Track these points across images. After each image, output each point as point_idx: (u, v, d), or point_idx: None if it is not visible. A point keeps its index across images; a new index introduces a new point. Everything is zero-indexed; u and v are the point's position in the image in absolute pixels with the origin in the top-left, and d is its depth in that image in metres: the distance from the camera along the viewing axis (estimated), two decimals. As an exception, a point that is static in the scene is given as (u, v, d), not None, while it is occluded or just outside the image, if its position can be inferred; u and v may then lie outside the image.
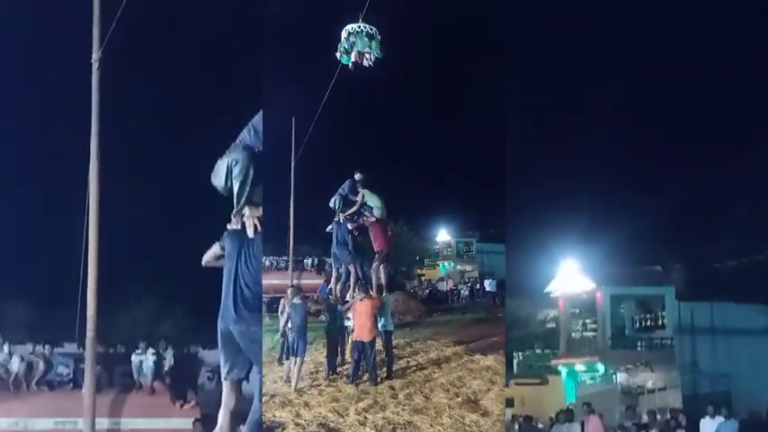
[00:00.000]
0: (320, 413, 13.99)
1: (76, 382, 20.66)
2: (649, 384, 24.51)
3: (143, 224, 26.11)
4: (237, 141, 10.45)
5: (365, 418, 13.68)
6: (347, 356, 17.30)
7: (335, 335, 17.15)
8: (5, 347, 21.55)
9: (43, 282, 25.13)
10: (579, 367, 25.63)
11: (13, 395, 20.67)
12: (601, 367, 25.14)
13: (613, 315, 25.87)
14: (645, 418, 21.16)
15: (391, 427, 13.27)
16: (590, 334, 26.24)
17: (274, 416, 13.89)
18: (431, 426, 13.35)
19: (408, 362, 18.12)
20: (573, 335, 26.74)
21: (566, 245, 25.28)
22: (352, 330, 16.88)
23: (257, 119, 10.67)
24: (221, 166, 10.28)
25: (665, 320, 25.42)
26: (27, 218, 24.83)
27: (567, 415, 20.99)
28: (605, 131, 26.06)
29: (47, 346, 22.40)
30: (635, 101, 26.78)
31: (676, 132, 26.54)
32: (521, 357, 27.26)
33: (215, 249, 10.57)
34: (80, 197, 15.80)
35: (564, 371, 25.99)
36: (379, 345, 16.88)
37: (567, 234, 25.04)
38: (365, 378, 16.11)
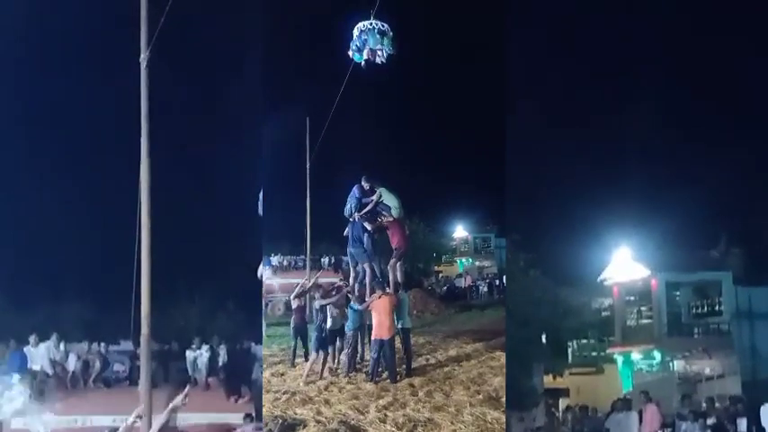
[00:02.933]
0: (340, 410, 14.23)
1: (132, 379, 21.02)
2: (707, 371, 24.10)
3: (194, 222, 26.28)
4: None
5: (385, 415, 13.84)
6: (366, 354, 17.40)
7: (355, 333, 17.20)
8: (62, 346, 21.93)
9: (98, 281, 25.41)
10: (635, 355, 25.29)
11: (71, 393, 21.05)
12: (657, 355, 24.79)
13: (669, 302, 25.47)
14: (703, 406, 20.83)
15: (412, 424, 13.37)
16: (645, 321, 25.87)
17: (295, 413, 14.08)
18: (451, 423, 13.46)
19: (428, 359, 18.18)
20: (628, 323, 26.38)
21: (619, 232, 24.91)
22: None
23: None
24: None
25: (722, 306, 24.95)
26: (80, 218, 25.12)
27: (625, 404, 20.76)
28: (652, 108, 25.38)
29: (103, 345, 22.78)
30: (684, 72, 25.91)
31: (729, 108, 25.71)
32: (575, 346, 26.95)
33: None
34: (132, 196, 15.94)
35: (620, 359, 25.68)
36: (397, 342, 16.92)
37: (620, 221, 24.61)
38: (385, 376, 16.13)
